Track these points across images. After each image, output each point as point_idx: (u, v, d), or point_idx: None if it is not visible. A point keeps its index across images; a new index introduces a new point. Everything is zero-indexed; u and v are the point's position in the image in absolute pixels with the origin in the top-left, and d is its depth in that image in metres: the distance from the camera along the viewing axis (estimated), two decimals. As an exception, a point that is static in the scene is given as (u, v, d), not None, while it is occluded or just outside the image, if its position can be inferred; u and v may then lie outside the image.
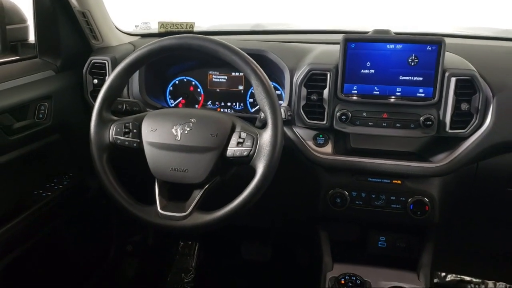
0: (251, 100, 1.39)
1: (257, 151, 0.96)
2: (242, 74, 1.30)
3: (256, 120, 1.12)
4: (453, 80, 1.09)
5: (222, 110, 1.41)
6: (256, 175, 0.94)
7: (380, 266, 1.22)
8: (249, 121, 1.06)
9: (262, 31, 1.66)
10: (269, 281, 1.80)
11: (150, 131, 1.01)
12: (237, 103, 1.40)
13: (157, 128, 1.01)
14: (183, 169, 0.98)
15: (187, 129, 0.99)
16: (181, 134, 0.99)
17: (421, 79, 1.10)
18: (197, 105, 1.42)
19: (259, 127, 1.05)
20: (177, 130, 1.00)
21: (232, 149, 0.98)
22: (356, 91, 1.13)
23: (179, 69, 1.42)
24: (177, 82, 1.43)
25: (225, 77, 1.39)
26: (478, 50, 1.27)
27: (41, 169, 1.28)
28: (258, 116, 1.12)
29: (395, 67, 1.11)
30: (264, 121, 1.02)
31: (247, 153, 0.96)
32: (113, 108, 1.10)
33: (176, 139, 0.99)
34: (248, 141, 0.97)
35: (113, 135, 1.03)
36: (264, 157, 0.94)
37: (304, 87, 1.16)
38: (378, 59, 1.11)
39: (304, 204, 1.32)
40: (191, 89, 1.42)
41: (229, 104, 1.40)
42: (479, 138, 1.11)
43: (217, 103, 1.41)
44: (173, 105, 1.44)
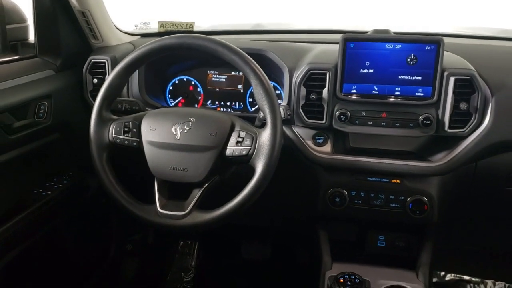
0: (250, 99, 1.39)
1: (256, 150, 0.96)
2: (242, 73, 1.31)
3: (255, 120, 1.13)
4: (452, 79, 1.09)
5: (222, 109, 1.41)
6: (255, 174, 0.95)
7: (379, 265, 1.22)
8: (248, 121, 1.06)
9: (262, 31, 1.66)
10: (268, 280, 1.80)
11: (150, 130, 1.02)
12: (237, 103, 1.40)
13: (157, 127, 1.01)
14: (182, 168, 0.99)
15: (186, 128, 1.00)
16: (180, 133, 1.00)
17: (420, 78, 1.10)
18: (196, 104, 1.42)
19: (259, 126, 1.05)
20: (177, 129, 1.00)
21: (232, 148, 0.98)
22: (355, 91, 1.14)
23: (178, 68, 1.42)
24: (176, 82, 1.43)
25: (225, 77, 1.39)
26: (477, 50, 1.27)
27: (41, 168, 1.28)
28: (257, 115, 1.12)
29: (394, 67, 1.11)
30: (263, 120, 1.02)
31: (246, 152, 0.96)
32: (112, 108, 1.10)
33: (176, 138, 0.99)
34: (247, 140, 0.97)
35: (112, 134, 1.03)
36: (263, 156, 0.95)
37: (303, 86, 1.16)
38: (377, 58, 1.11)
39: (303, 203, 1.32)
40: (191, 88, 1.42)
41: (228, 103, 1.40)
42: (478, 137, 1.11)
43: (216, 103, 1.41)
44: (172, 104, 1.44)
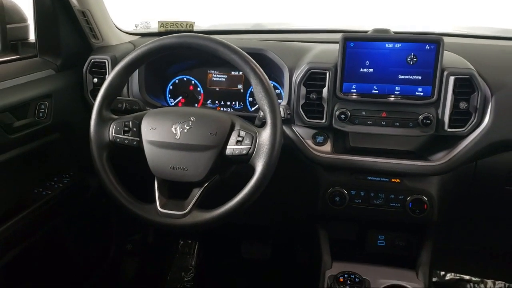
0: (250, 99, 1.39)
1: (256, 149, 0.96)
2: (242, 73, 1.31)
3: (255, 119, 1.13)
4: (451, 79, 1.09)
5: (222, 109, 1.41)
6: (255, 173, 0.95)
7: (379, 265, 1.22)
8: (248, 120, 1.07)
9: (262, 30, 1.66)
10: (268, 279, 1.81)
11: (150, 130, 1.02)
12: (237, 102, 1.40)
13: (157, 126, 1.02)
14: (182, 168, 0.99)
15: (186, 127, 1.00)
16: (180, 132, 1.00)
17: (419, 78, 1.10)
18: (196, 104, 1.42)
19: (259, 126, 1.06)
20: (177, 128, 1.00)
21: (231, 148, 0.98)
22: (355, 90, 1.14)
23: (179, 68, 1.42)
24: (177, 81, 1.43)
25: (225, 76, 1.39)
26: (477, 49, 1.27)
27: (41, 167, 1.28)
28: (257, 115, 1.12)
29: (394, 66, 1.11)
30: (263, 120, 1.02)
31: (246, 151, 0.97)
32: (113, 107, 1.10)
33: (176, 137, 1.00)
34: (247, 140, 0.97)
35: (113, 134, 1.03)
36: (263, 156, 0.95)
37: (303, 86, 1.16)
38: (377, 58, 1.11)
39: (303, 202, 1.33)
40: (191, 88, 1.42)
41: (228, 103, 1.41)
42: (478, 136, 1.11)
43: (216, 102, 1.41)
44: (173, 104, 1.44)
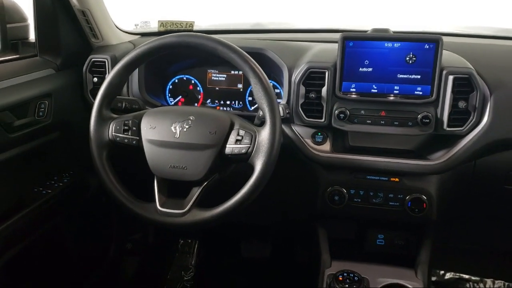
0: (250, 98, 1.39)
1: (255, 148, 0.96)
2: (241, 72, 1.31)
3: (255, 118, 1.13)
4: (450, 78, 1.09)
5: (221, 108, 1.41)
6: (254, 172, 0.95)
7: (378, 263, 1.22)
8: (248, 120, 1.07)
9: (261, 30, 1.66)
10: (268, 278, 1.81)
11: (149, 129, 1.02)
12: (236, 102, 1.40)
13: (156, 125, 1.02)
14: (182, 167, 0.99)
15: (186, 126, 1.00)
16: (180, 131, 1.00)
17: (419, 77, 1.11)
18: (196, 103, 1.43)
19: (258, 125, 1.06)
20: (176, 127, 1.00)
21: (231, 147, 0.98)
22: (354, 89, 1.14)
23: (178, 67, 1.42)
24: (176, 81, 1.43)
25: (224, 76, 1.39)
26: (476, 49, 1.27)
27: (41, 166, 1.28)
28: (256, 114, 1.12)
29: (393, 66, 1.11)
30: (262, 119, 1.02)
31: (245, 150, 0.97)
32: (112, 106, 1.11)
33: (175, 136, 1.00)
34: (247, 139, 0.97)
35: (112, 133, 1.04)
36: (262, 155, 0.95)
37: (302, 85, 1.16)
38: (376, 57, 1.11)
39: (302, 202, 1.33)
40: (191, 87, 1.42)
41: (228, 102, 1.41)
42: (477, 136, 1.11)
43: (216, 102, 1.42)
44: (172, 103, 1.44)
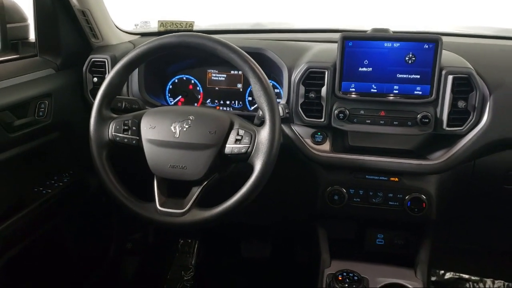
0: (249, 98, 1.39)
1: (255, 148, 0.96)
2: (241, 72, 1.31)
3: (254, 118, 1.13)
4: (450, 78, 1.09)
5: (221, 108, 1.41)
6: (254, 172, 0.95)
7: (377, 263, 1.22)
8: (248, 119, 1.07)
9: (261, 30, 1.66)
10: (268, 278, 1.81)
11: (149, 129, 1.02)
12: (236, 102, 1.40)
13: (156, 125, 1.02)
14: (181, 166, 0.99)
15: (185, 126, 1.00)
16: (179, 131, 1.00)
17: (418, 77, 1.11)
18: (196, 103, 1.43)
19: (258, 124, 1.06)
20: (176, 127, 1.00)
21: (230, 146, 0.98)
22: (354, 89, 1.14)
23: (178, 67, 1.42)
24: (176, 81, 1.43)
25: (224, 76, 1.39)
26: (475, 49, 1.27)
27: (41, 166, 1.28)
28: (256, 114, 1.12)
29: (393, 65, 1.11)
30: (262, 118, 1.02)
31: (245, 150, 0.97)
32: (112, 106, 1.11)
33: (175, 136, 1.00)
34: (246, 138, 0.98)
35: (112, 132, 1.04)
36: (261, 154, 0.95)
37: (302, 85, 1.16)
38: (375, 57, 1.12)
39: (302, 201, 1.33)
40: (190, 87, 1.43)
41: (228, 102, 1.41)
42: (476, 135, 1.12)
43: (216, 102, 1.42)
44: (172, 103, 1.44)
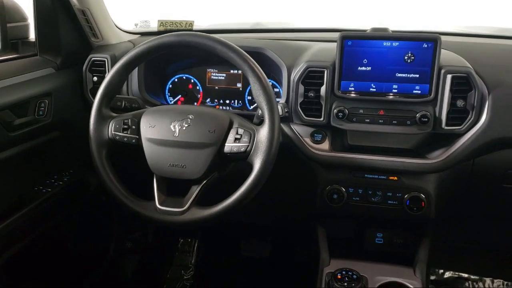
0: (249, 97, 1.39)
1: (254, 147, 0.97)
2: (241, 71, 1.31)
3: (254, 117, 1.13)
4: (449, 77, 1.09)
5: (221, 107, 1.42)
6: (253, 171, 0.96)
7: (376, 262, 1.22)
8: (247, 119, 1.07)
9: (261, 29, 1.66)
10: (268, 277, 1.81)
11: (149, 127, 1.02)
12: (236, 101, 1.41)
13: (156, 124, 1.02)
14: (181, 165, 1.00)
15: (185, 125, 1.01)
16: (179, 130, 1.00)
17: (417, 76, 1.11)
18: (196, 102, 1.43)
19: (257, 124, 1.06)
20: (175, 126, 1.01)
21: (230, 145, 0.99)
22: (353, 88, 1.14)
23: (178, 66, 1.43)
24: (176, 80, 1.44)
25: (224, 75, 1.40)
26: (474, 48, 1.28)
27: (41, 165, 1.29)
28: (256, 113, 1.13)
29: (392, 65, 1.12)
30: (261, 117, 1.03)
31: (244, 149, 0.97)
32: (112, 105, 1.11)
33: (174, 135, 1.00)
34: (245, 137, 0.98)
35: (112, 131, 1.04)
36: (261, 153, 0.95)
37: (301, 84, 1.16)
38: (374, 56, 1.12)
39: (301, 200, 1.33)
40: (190, 86, 1.43)
41: (227, 101, 1.41)
42: (475, 134, 1.12)
43: (215, 101, 1.42)
44: (172, 102, 1.44)
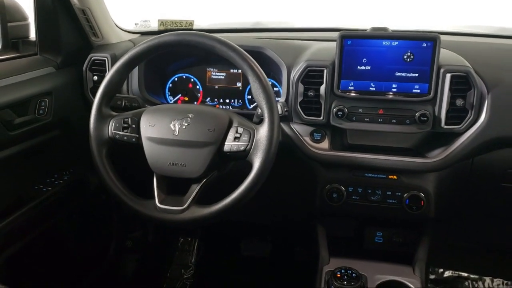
0: (249, 97, 1.40)
1: (253, 146, 0.97)
2: (241, 71, 1.32)
3: (253, 117, 1.13)
4: (448, 76, 1.10)
5: (221, 106, 1.42)
6: (253, 169, 0.96)
7: (376, 261, 1.23)
8: (247, 118, 1.08)
9: (261, 29, 1.66)
10: (268, 276, 1.82)
11: (149, 126, 1.03)
12: (236, 100, 1.41)
13: (156, 123, 1.02)
14: (181, 164, 1.00)
15: (185, 124, 1.01)
16: (179, 129, 1.01)
17: (416, 75, 1.11)
18: (196, 102, 1.43)
19: (257, 123, 1.06)
20: (175, 125, 1.01)
21: (229, 144, 0.99)
22: (352, 87, 1.15)
23: (178, 66, 1.43)
24: (176, 79, 1.44)
25: (224, 74, 1.40)
26: (473, 47, 1.28)
27: (42, 164, 1.29)
28: (255, 112, 1.13)
29: (391, 64, 1.12)
30: (261, 117, 1.03)
31: (244, 148, 0.98)
32: (112, 104, 1.11)
33: (174, 134, 1.01)
34: (245, 136, 0.98)
35: (112, 130, 1.04)
36: (260, 152, 0.96)
37: (301, 83, 1.16)
38: (374, 55, 1.12)
39: (301, 199, 1.33)
40: (190, 86, 1.43)
41: (227, 101, 1.41)
42: (474, 133, 1.12)
43: (215, 100, 1.42)
44: (172, 101, 1.45)
